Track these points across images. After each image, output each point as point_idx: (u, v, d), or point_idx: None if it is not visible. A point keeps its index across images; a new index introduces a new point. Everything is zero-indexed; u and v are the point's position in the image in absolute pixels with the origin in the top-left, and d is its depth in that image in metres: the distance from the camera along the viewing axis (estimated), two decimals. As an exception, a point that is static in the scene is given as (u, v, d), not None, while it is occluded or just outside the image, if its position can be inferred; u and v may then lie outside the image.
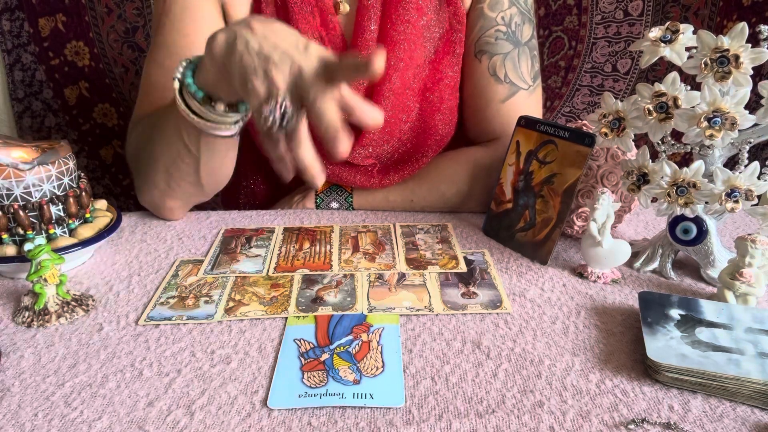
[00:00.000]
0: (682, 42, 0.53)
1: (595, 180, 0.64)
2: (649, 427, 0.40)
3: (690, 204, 0.55)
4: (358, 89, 0.74)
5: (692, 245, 0.59)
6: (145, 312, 0.54)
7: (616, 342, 0.49)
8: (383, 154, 0.78)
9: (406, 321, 0.52)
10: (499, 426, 0.40)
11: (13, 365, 0.46)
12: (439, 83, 0.77)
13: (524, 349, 0.48)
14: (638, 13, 1.22)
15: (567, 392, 0.43)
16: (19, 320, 0.52)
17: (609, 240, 0.58)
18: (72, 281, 0.60)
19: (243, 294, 0.57)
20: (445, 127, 0.78)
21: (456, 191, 0.77)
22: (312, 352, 0.48)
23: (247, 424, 0.40)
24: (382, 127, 0.75)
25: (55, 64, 1.27)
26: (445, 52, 0.77)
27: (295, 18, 0.72)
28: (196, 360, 0.47)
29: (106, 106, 1.32)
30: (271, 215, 0.77)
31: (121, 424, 0.40)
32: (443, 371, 0.45)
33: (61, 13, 1.24)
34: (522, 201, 0.67)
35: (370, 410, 0.41)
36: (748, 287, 0.52)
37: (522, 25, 0.76)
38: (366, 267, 0.62)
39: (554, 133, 0.64)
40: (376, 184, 0.78)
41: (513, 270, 0.62)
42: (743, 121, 0.50)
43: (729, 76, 0.50)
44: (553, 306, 0.55)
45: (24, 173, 0.57)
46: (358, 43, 0.73)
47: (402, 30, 0.73)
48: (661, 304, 0.51)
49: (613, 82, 1.28)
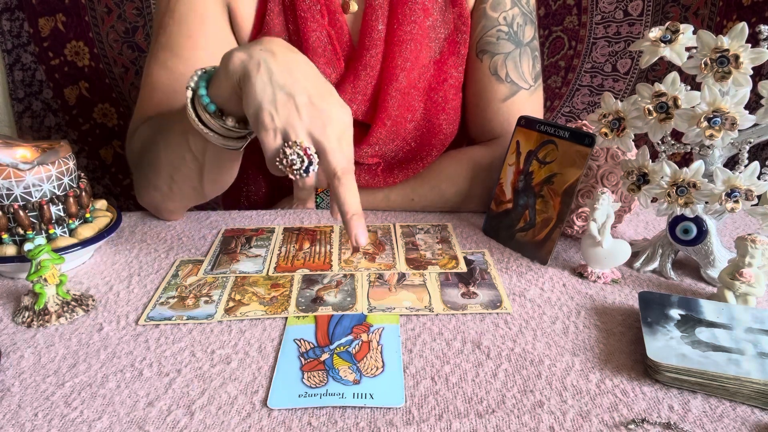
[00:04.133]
0: (682, 42, 0.53)
1: (595, 180, 0.64)
2: (649, 427, 0.40)
3: (690, 204, 0.55)
4: (367, 89, 0.74)
5: (692, 245, 0.59)
6: (145, 312, 0.54)
7: (616, 342, 0.49)
8: (388, 153, 0.78)
9: (406, 321, 0.52)
10: (499, 426, 0.40)
11: (13, 365, 0.46)
12: (443, 83, 0.77)
13: (524, 349, 0.48)
14: (638, 13, 1.22)
15: (567, 392, 0.43)
16: (19, 320, 0.52)
17: (609, 240, 0.58)
18: (72, 281, 0.60)
19: (243, 294, 0.57)
20: (449, 127, 0.78)
21: (456, 191, 0.77)
22: (312, 352, 0.48)
23: (247, 424, 0.40)
24: (388, 126, 0.75)
25: (55, 64, 1.27)
26: (450, 52, 0.77)
27: (304, 17, 0.72)
28: (196, 360, 0.47)
29: (106, 106, 1.32)
30: (271, 215, 0.77)
31: (121, 424, 0.40)
32: (443, 371, 0.45)
33: (61, 13, 1.24)
34: (522, 201, 0.67)
35: (370, 410, 0.41)
36: (748, 287, 0.52)
37: (524, 26, 0.76)
38: (366, 267, 0.62)
39: (554, 133, 0.64)
40: (380, 183, 0.78)
41: (513, 270, 0.62)
42: (743, 121, 0.50)
43: (729, 76, 0.50)
44: (553, 306, 0.55)
45: (24, 173, 0.57)
46: (365, 43, 0.73)
47: (409, 30, 0.73)
48: (661, 304, 0.51)
49: (613, 82, 1.28)
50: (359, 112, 0.76)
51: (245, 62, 0.51)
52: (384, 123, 0.75)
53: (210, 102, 0.55)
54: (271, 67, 0.50)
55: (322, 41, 0.73)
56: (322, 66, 0.74)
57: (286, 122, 0.50)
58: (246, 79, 0.51)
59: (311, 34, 0.72)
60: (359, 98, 0.75)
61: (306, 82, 0.51)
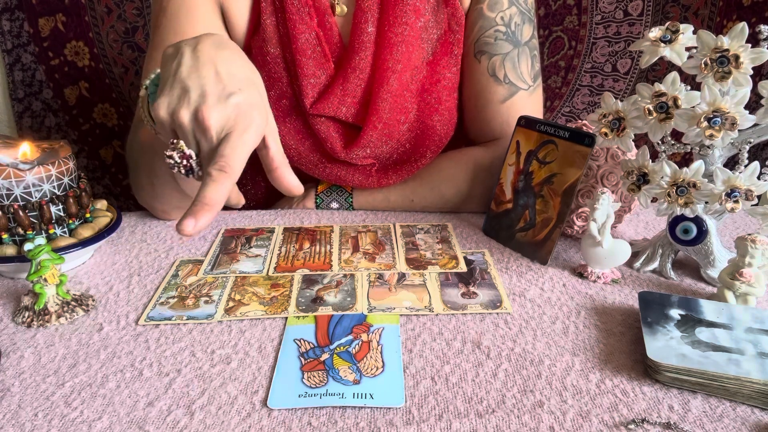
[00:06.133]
0: (682, 42, 0.53)
1: (595, 180, 0.64)
2: (649, 427, 0.40)
3: (690, 204, 0.55)
4: (356, 92, 0.74)
5: (692, 245, 0.59)
6: (145, 312, 0.54)
7: (616, 342, 0.49)
8: (382, 154, 0.78)
9: (406, 321, 0.52)
10: (499, 426, 0.40)
11: (13, 365, 0.46)
12: (437, 84, 0.77)
13: (524, 349, 0.48)
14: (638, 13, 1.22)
15: (567, 392, 0.43)
16: (19, 320, 0.52)
17: (609, 240, 0.58)
18: (72, 281, 0.60)
19: (243, 294, 0.57)
20: (444, 128, 0.78)
21: (456, 191, 0.77)
22: (312, 352, 0.48)
23: (247, 424, 0.40)
24: (380, 129, 0.75)
25: (55, 64, 1.27)
26: (443, 53, 0.76)
27: (293, 18, 0.72)
28: (196, 360, 0.47)
29: (106, 106, 1.32)
30: (271, 215, 0.77)
31: (121, 424, 0.40)
32: (443, 371, 0.45)
33: (61, 13, 1.24)
34: (522, 201, 0.67)
35: (370, 410, 0.41)
36: (748, 287, 0.52)
37: (522, 25, 0.75)
38: (366, 267, 0.62)
39: (554, 133, 0.64)
40: (375, 184, 0.78)
41: (513, 270, 0.62)
42: (743, 121, 0.50)
43: (729, 76, 0.50)
44: (553, 306, 0.55)
45: (24, 173, 0.57)
46: (355, 45, 0.73)
47: (399, 32, 0.72)
48: (661, 304, 0.51)
49: (613, 82, 1.28)
50: (349, 114, 0.75)
51: (169, 54, 0.50)
52: (375, 126, 0.74)
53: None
54: (183, 60, 0.48)
55: (311, 43, 0.73)
56: (311, 67, 0.73)
57: (172, 118, 0.47)
58: (163, 69, 0.49)
59: (300, 36, 0.72)
60: (349, 101, 0.74)
61: (210, 81, 0.47)
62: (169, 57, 0.50)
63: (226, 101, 0.46)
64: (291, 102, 0.76)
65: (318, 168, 0.78)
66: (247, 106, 0.47)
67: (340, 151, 0.75)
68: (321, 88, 0.74)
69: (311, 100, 0.74)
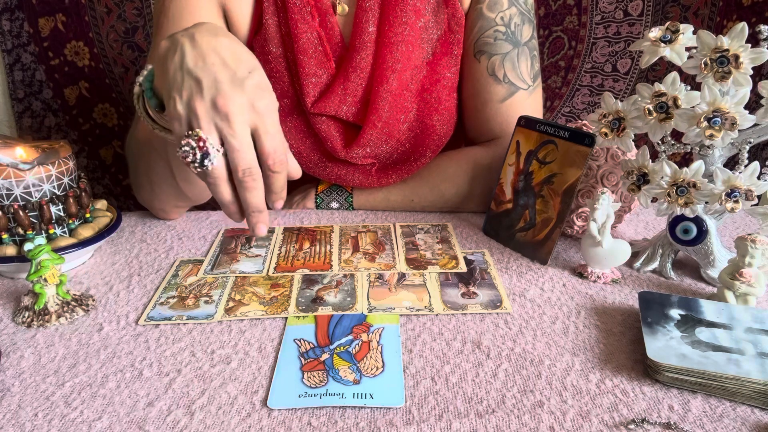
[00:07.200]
0: (682, 42, 0.53)
1: (595, 180, 0.64)
2: (649, 427, 0.40)
3: (690, 204, 0.55)
4: (357, 91, 0.74)
5: (692, 245, 0.59)
6: (145, 312, 0.54)
7: (616, 342, 0.49)
8: (382, 154, 0.78)
9: (406, 321, 0.52)
10: (499, 426, 0.40)
11: (13, 365, 0.46)
12: (436, 84, 0.77)
13: (524, 349, 0.48)
14: (638, 13, 1.22)
15: (567, 392, 0.43)
16: (19, 320, 0.52)
17: (609, 240, 0.58)
18: (72, 281, 0.60)
19: (243, 294, 0.57)
20: (444, 128, 0.78)
21: (456, 191, 0.77)
22: (312, 352, 0.48)
23: (247, 424, 0.40)
24: (380, 128, 0.75)
25: (55, 64, 1.27)
26: (443, 53, 0.77)
27: (295, 18, 0.72)
28: (196, 360, 0.47)
29: (106, 106, 1.32)
30: (271, 215, 0.77)
31: (121, 424, 0.40)
32: (443, 371, 0.45)
33: (61, 13, 1.24)
34: (522, 201, 0.67)
35: (370, 410, 0.41)
36: (748, 287, 0.52)
37: (522, 25, 0.76)
38: (366, 267, 0.62)
39: (554, 133, 0.64)
40: (375, 183, 0.78)
41: (513, 270, 0.62)
42: (743, 121, 0.50)
43: (729, 76, 0.50)
44: (553, 306, 0.55)
45: (24, 173, 0.57)
46: (356, 44, 0.73)
47: (400, 32, 0.73)
48: (661, 304, 0.51)
49: (613, 82, 1.28)
50: (350, 113, 0.75)
51: (166, 48, 0.50)
52: (375, 125, 0.75)
53: (152, 96, 0.53)
54: (185, 51, 0.48)
55: (313, 42, 0.73)
56: (312, 67, 0.73)
57: (189, 110, 0.46)
58: (162, 65, 0.49)
59: (302, 35, 0.72)
60: (349, 100, 0.74)
61: (219, 68, 0.47)
62: (167, 50, 0.49)
63: (242, 85, 0.47)
64: (292, 101, 0.76)
65: (318, 167, 0.78)
66: (263, 86, 0.48)
67: (341, 150, 0.75)
68: (322, 88, 0.75)
69: (312, 100, 0.74)
